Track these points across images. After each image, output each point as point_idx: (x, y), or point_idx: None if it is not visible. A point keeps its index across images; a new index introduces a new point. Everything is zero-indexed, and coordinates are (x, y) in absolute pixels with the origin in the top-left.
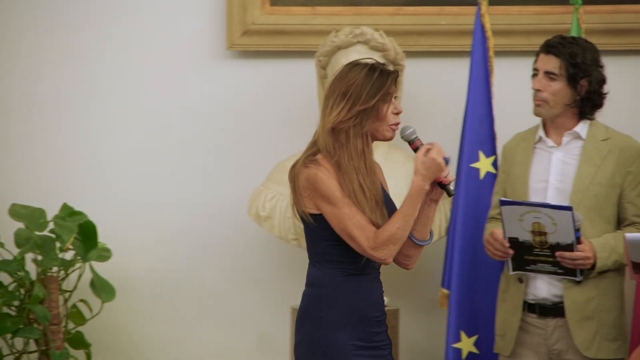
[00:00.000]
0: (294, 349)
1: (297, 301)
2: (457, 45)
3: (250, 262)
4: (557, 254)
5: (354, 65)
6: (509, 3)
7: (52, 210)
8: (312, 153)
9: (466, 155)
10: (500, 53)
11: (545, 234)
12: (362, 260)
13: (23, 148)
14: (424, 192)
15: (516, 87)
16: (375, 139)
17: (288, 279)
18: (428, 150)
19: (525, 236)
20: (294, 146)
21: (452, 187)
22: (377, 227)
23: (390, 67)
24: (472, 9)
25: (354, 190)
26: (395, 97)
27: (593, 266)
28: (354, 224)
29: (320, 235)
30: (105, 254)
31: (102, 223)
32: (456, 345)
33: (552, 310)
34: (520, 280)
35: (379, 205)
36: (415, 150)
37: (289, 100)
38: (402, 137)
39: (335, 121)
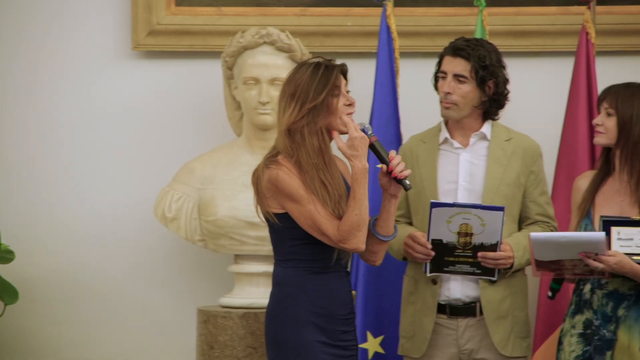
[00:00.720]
0: (266, 349)
1: (203, 302)
2: (363, 47)
3: (157, 263)
4: (480, 254)
5: (301, 65)
6: (413, 5)
7: None
8: (273, 155)
9: (372, 155)
10: (405, 54)
11: (471, 234)
12: (327, 258)
13: None
14: (366, 171)
15: (421, 89)
16: (331, 131)
17: (194, 280)
18: (355, 130)
19: (450, 237)
20: (200, 147)
21: (408, 181)
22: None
23: (337, 61)
24: (378, 11)
25: (316, 187)
26: (348, 91)
27: (511, 265)
28: (320, 219)
29: (286, 235)
30: (7, 256)
31: (5, 225)
32: (362, 345)
33: (464, 310)
34: (434, 282)
35: (343, 199)
36: (370, 146)
37: (195, 101)
38: None
39: (288, 122)
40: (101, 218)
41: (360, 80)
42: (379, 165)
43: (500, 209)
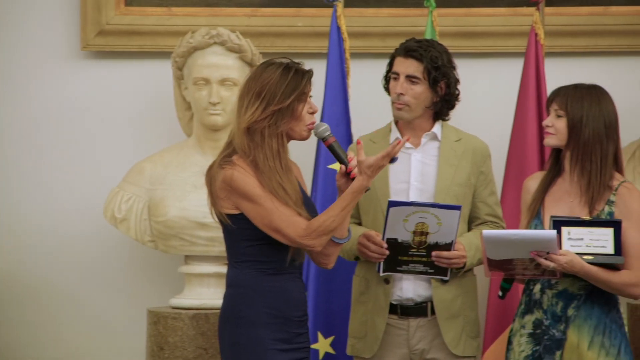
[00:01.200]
0: (220, 352)
1: (153, 303)
2: (314, 47)
3: (106, 264)
4: (434, 253)
5: (269, 64)
6: (364, 5)
7: None
8: (228, 154)
9: (323, 156)
10: (356, 55)
11: (426, 234)
12: (282, 260)
13: None
14: (363, 191)
15: (372, 89)
16: (291, 138)
17: (144, 281)
18: (393, 160)
19: (405, 236)
20: (150, 147)
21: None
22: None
23: (305, 66)
24: (328, 11)
25: (274, 188)
26: (310, 96)
27: (463, 265)
28: (278, 217)
29: (239, 236)
30: None
31: None
32: (313, 346)
33: (415, 310)
34: (387, 282)
35: (299, 204)
36: (329, 147)
37: (145, 102)
38: (315, 135)
39: (249, 121)
40: (50, 219)
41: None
42: (331, 166)
43: (457, 207)
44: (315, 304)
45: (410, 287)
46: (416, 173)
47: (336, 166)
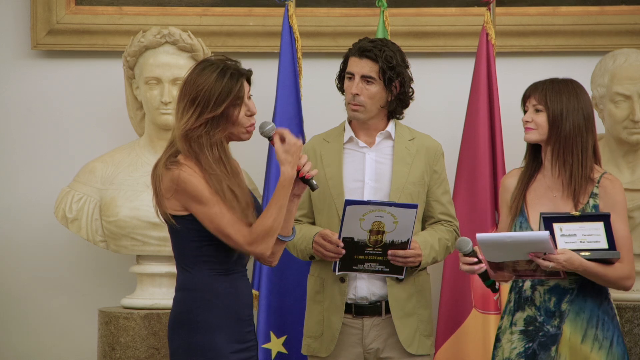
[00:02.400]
0: (170, 354)
1: (104, 303)
2: (266, 47)
3: (57, 264)
4: (390, 252)
5: (206, 66)
6: (315, 5)
7: None
8: (173, 154)
9: (275, 156)
10: (308, 54)
11: (382, 232)
12: (232, 258)
13: None
14: (292, 180)
15: (324, 88)
16: (231, 140)
17: (95, 280)
18: (282, 138)
19: (361, 235)
20: (101, 147)
21: (315, 181)
22: (249, 225)
23: (243, 67)
24: (280, 11)
25: (223, 191)
26: (250, 96)
27: (419, 264)
28: (227, 222)
29: (187, 237)
30: None
31: None
32: (265, 345)
33: (369, 309)
34: (342, 280)
35: (250, 207)
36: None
37: (96, 101)
38: (261, 134)
39: (185, 128)
40: (0, 219)
41: (263, 80)
42: None
43: (414, 206)
44: (268, 303)
45: (364, 286)
46: (371, 172)
47: None
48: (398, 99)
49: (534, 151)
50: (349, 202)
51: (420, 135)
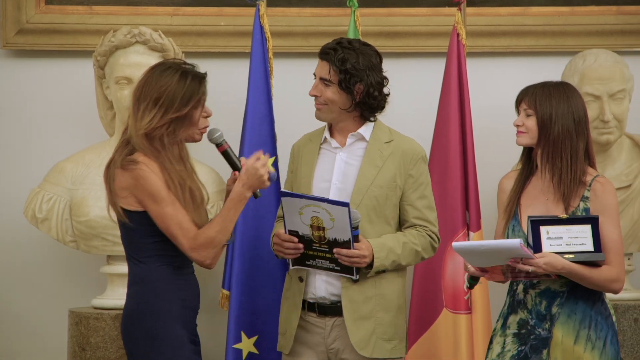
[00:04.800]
0: (128, 349)
1: (74, 303)
2: (237, 46)
3: (27, 264)
4: (335, 250)
5: (166, 68)
6: (287, 5)
7: None
8: (128, 152)
9: (247, 156)
10: (279, 54)
11: (323, 229)
12: (183, 254)
13: None
14: (244, 200)
15: (295, 88)
16: (186, 141)
17: (65, 281)
18: (257, 160)
19: (304, 230)
20: (71, 147)
21: (258, 190)
22: (199, 227)
23: (200, 70)
24: (251, 10)
25: (179, 189)
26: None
27: (370, 265)
28: (176, 223)
29: (143, 233)
30: None
31: None
32: (237, 345)
33: (331, 309)
34: (301, 279)
35: (202, 206)
36: (223, 153)
37: (67, 101)
38: (209, 140)
39: (147, 128)
40: None
41: (234, 80)
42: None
43: (345, 204)
44: (240, 303)
45: (322, 286)
46: (338, 173)
47: None
48: (363, 103)
49: (528, 154)
50: (283, 194)
51: (401, 138)
